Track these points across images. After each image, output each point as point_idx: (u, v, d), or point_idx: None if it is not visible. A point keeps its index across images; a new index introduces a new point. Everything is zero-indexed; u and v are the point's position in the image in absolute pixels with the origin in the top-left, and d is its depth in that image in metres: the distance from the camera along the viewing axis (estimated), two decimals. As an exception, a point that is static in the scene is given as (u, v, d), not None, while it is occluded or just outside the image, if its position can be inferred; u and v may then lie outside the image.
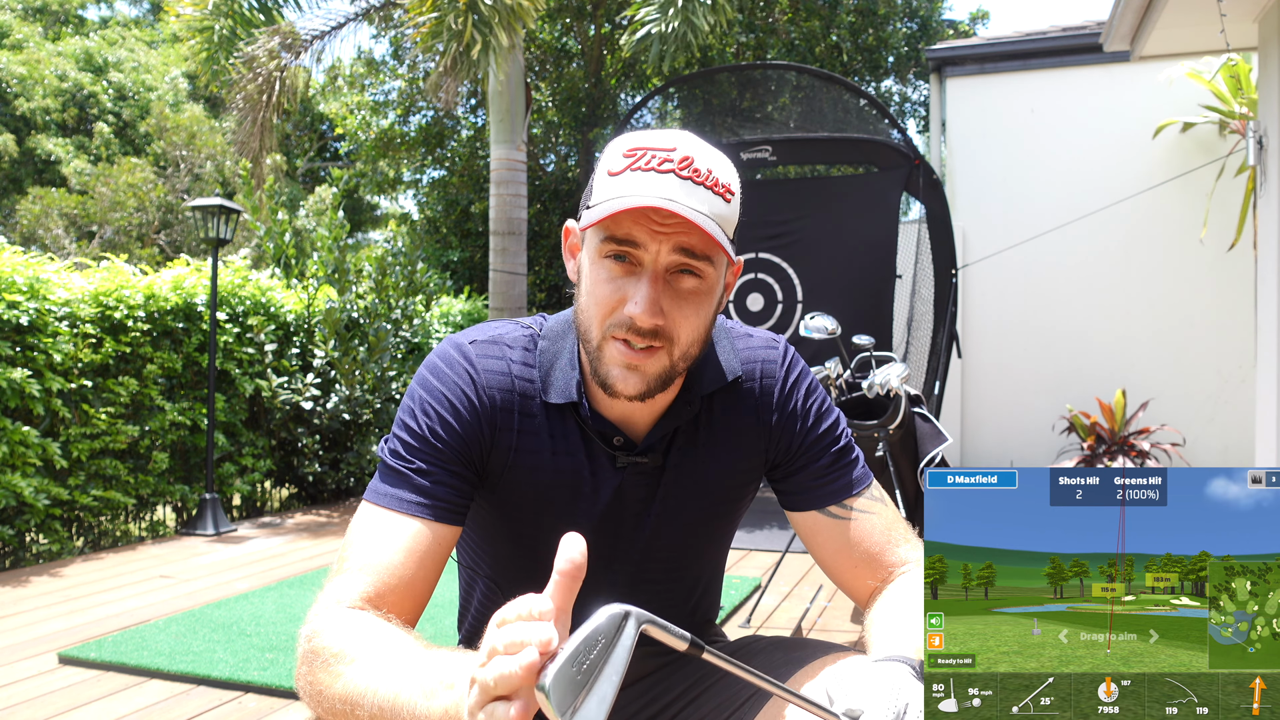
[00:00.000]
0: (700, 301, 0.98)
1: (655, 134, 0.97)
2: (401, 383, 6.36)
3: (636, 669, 1.16)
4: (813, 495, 1.10)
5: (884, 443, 3.03)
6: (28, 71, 15.71)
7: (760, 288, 5.34)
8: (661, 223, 0.93)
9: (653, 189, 0.93)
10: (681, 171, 0.94)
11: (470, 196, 10.70)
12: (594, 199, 0.97)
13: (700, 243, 0.95)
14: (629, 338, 0.96)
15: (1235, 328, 6.34)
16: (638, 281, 0.95)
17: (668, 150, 0.95)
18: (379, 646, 0.82)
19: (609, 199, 0.94)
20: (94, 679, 2.69)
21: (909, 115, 12.28)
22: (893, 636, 0.95)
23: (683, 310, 0.97)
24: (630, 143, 0.97)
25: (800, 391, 1.13)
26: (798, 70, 6.00)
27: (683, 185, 0.93)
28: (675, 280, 0.96)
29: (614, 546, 1.09)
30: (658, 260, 0.95)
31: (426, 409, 1.02)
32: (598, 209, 0.94)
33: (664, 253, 0.94)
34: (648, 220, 0.93)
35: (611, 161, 0.97)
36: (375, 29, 8.61)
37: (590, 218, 0.94)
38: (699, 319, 0.98)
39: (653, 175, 0.93)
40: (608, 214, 0.92)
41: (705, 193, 0.94)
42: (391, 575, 0.92)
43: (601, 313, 0.97)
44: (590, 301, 0.98)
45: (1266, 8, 3.74)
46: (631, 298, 0.95)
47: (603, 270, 0.97)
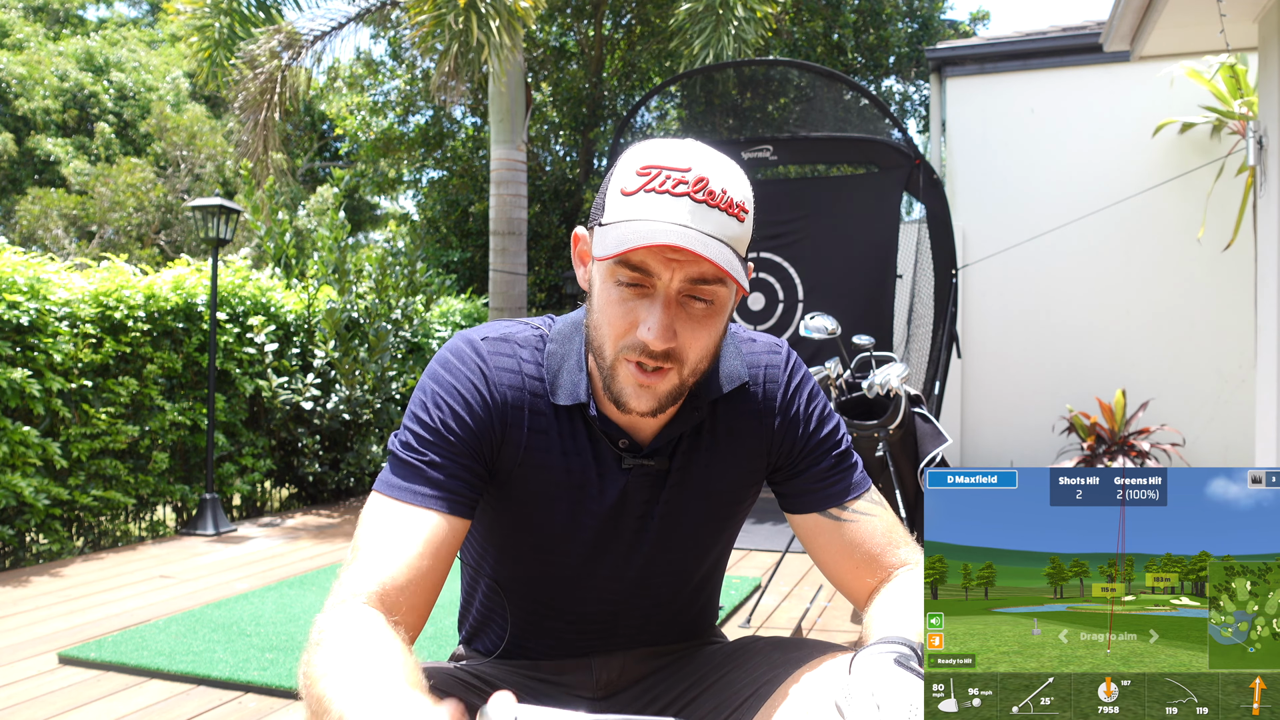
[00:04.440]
0: (711, 323, 0.98)
1: (670, 149, 0.96)
2: (402, 383, 6.36)
3: (637, 669, 1.17)
4: (813, 498, 1.10)
5: (884, 443, 3.03)
6: (27, 71, 15.71)
7: (761, 287, 5.34)
8: (675, 254, 0.93)
9: (667, 214, 0.92)
10: (696, 195, 0.93)
11: (470, 196, 10.70)
12: (607, 217, 0.97)
13: (713, 272, 0.95)
14: (642, 360, 0.96)
15: (1235, 328, 6.34)
16: (650, 305, 0.95)
17: (682, 170, 0.94)
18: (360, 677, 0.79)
19: (622, 221, 0.94)
20: (94, 679, 2.69)
21: (910, 115, 12.28)
22: (891, 622, 0.96)
23: (694, 332, 0.97)
24: (644, 159, 0.96)
25: (803, 396, 1.13)
26: (800, 68, 6.01)
27: (696, 210, 0.93)
28: (687, 304, 0.97)
29: (617, 547, 1.10)
30: (670, 287, 0.95)
31: (439, 401, 1.02)
32: (613, 236, 0.94)
33: (676, 279, 0.95)
34: (661, 251, 0.93)
35: (625, 179, 0.96)
36: (375, 30, 8.62)
37: (605, 248, 0.94)
38: (709, 339, 0.99)
39: (667, 199, 0.93)
40: (623, 250, 0.91)
41: (720, 215, 0.94)
42: (406, 568, 0.92)
43: (615, 334, 0.97)
44: (602, 320, 0.98)
45: (1266, 8, 3.74)
46: (644, 321, 0.95)
47: (614, 292, 0.97)
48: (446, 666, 1.11)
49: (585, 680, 1.15)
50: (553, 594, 1.12)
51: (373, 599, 0.90)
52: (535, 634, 1.15)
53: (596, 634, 1.14)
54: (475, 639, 1.22)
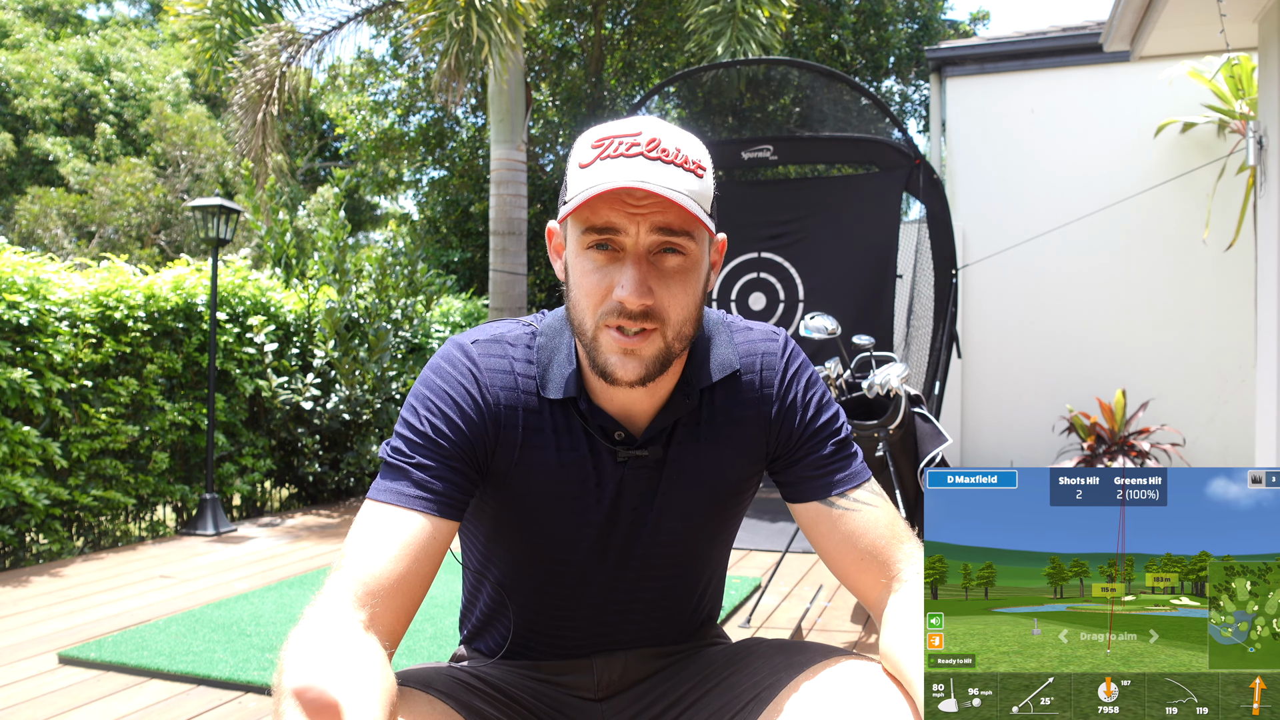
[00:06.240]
0: (686, 279, 0.99)
1: (620, 123, 0.99)
2: (402, 383, 6.36)
3: (639, 670, 1.17)
4: (814, 485, 1.10)
5: (884, 443, 3.03)
6: (26, 70, 15.71)
7: (762, 286, 5.35)
8: (637, 204, 0.95)
9: (624, 173, 0.94)
10: (650, 153, 0.95)
11: (470, 196, 10.70)
12: (568, 194, 0.99)
13: (678, 219, 0.96)
14: (622, 324, 0.97)
15: (1235, 328, 6.34)
16: (622, 266, 0.97)
17: (634, 135, 0.96)
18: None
19: (582, 190, 0.96)
20: (94, 679, 2.69)
21: (910, 115, 12.28)
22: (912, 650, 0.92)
23: (670, 289, 0.98)
24: (597, 134, 0.99)
25: (800, 384, 1.13)
26: (801, 67, 6.01)
27: (653, 166, 0.95)
28: (659, 260, 0.98)
29: (617, 541, 1.10)
30: (638, 242, 0.96)
31: (430, 407, 1.03)
32: (572, 200, 0.96)
33: (643, 233, 0.96)
34: (623, 204, 0.95)
35: (581, 154, 0.99)
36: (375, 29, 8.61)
37: (566, 209, 0.96)
38: (687, 296, 1.00)
39: (622, 161, 0.95)
40: (582, 201, 0.93)
41: (676, 170, 0.96)
42: (384, 572, 0.92)
43: (592, 303, 0.98)
44: (579, 294, 1.00)
45: (1266, 8, 3.74)
46: (618, 283, 0.96)
47: (587, 262, 0.98)
48: (447, 667, 1.11)
49: (586, 681, 1.15)
50: (556, 591, 1.12)
51: (354, 600, 0.90)
52: (539, 633, 1.15)
53: (600, 632, 1.14)
54: (477, 639, 1.22)
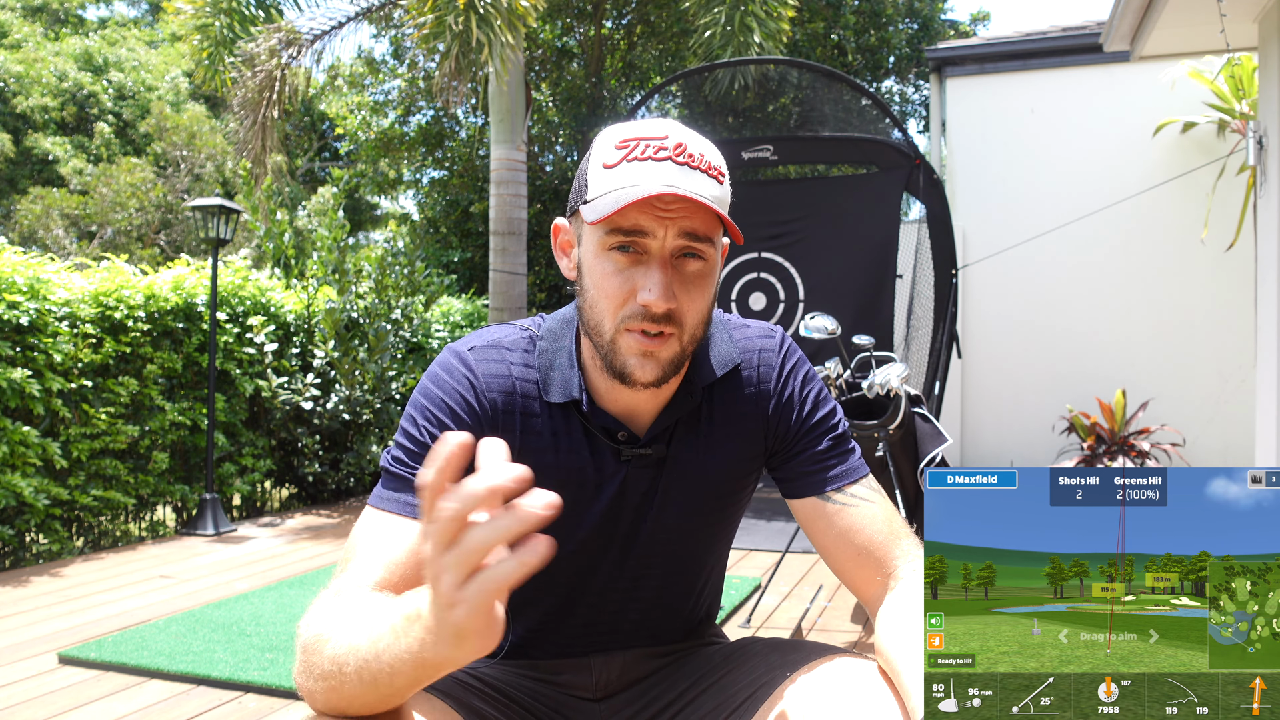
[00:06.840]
0: (704, 283, 1.00)
1: (643, 124, 0.99)
2: (401, 383, 6.36)
3: (637, 669, 1.17)
4: (812, 480, 1.10)
5: (884, 443, 3.03)
6: (25, 70, 15.71)
7: (762, 286, 5.35)
8: (666, 208, 0.95)
9: (654, 177, 0.94)
10: (678, 158, 0.96)
11: (470, 196, 10.70)
12: (591, 194, 0.98)
13: (703, 225, 0.97)
14: (645, 327, 0.97)
15: (1235, 328, 6.34)
16: (647, 270, 0.97)
17: (660, 139, 0.97)
18: (356, 610, 0.83)
19: (610, 191, 0.95)
20: (94, 679, 2.69)
21: (910, 115, 12.28)
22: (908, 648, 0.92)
23: (690, 294, 0.99)
24: (621, 134, 0.98)
25: (797, 379, 1.14)
26: (801, 67, 6.00)
27: (681, 171, 0.95)
28: (680, 265, 0.98)
29: (619, 540, 1.10)
30: (665, 246, 0.96)
31: (428, 416, 1.03)
32: (603, 202, 0.95)
33: (670, 237, 0.96)
34: (651, 208, 0.95)
35: (605, 154, 0.98)
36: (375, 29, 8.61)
37: (598, 212, 0.95)
38: (704, 300, 1.01)
39: (650, 165, 0.95)
40: (618, 207, 0.93)
41: (702, 176, 0.96)
42: (393, 575, 0.92)
43: (613, 305, 0.98)
44: (599, 295, 0.99)
45: (1266, 8, 3.74)
46: (643, 286, 0.96)
47: (608, 263, 0.98)
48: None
49: (584, 681, 1.15)
50: (557, 591, 1.12)
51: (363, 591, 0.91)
52: (537, 633, 1.15)
53: (600, 630, 1.14)
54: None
